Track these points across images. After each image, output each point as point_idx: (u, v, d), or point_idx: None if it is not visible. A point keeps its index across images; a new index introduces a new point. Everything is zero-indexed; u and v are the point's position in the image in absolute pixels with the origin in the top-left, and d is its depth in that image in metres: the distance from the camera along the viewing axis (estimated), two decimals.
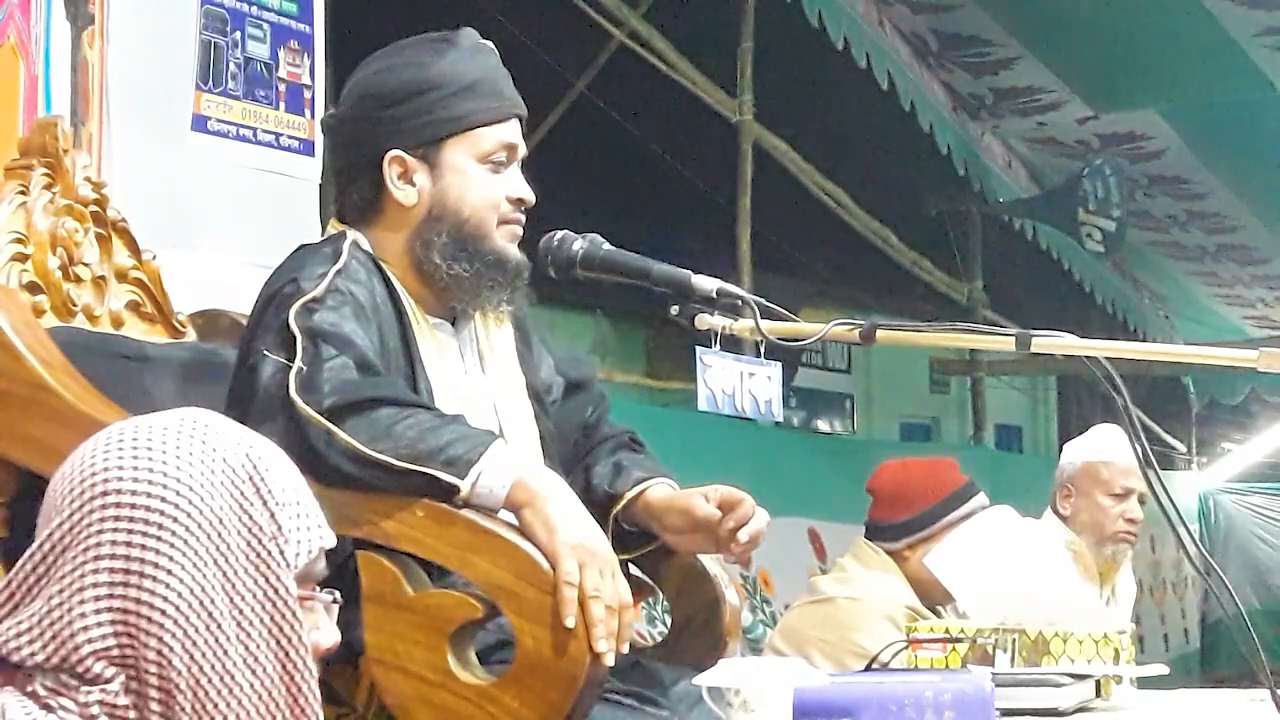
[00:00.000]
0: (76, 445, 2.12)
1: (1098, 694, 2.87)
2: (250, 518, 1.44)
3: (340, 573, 2.16)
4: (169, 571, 1.41)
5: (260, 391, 2.14)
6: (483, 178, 2.37)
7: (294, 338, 2.16)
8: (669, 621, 2.56)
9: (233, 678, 1.41)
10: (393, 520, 2.09)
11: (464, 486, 2.07)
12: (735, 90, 8.02)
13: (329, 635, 1.52)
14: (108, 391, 2.26)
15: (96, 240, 2.51)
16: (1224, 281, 12.04)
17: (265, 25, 3.72)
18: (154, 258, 2.62)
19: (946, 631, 2.91)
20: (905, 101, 8.66)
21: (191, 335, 2.66)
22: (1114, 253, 10.64)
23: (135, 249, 2.59)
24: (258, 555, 1.44)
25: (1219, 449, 15.91)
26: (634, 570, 2.46)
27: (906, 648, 2.84)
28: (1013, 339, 2.26)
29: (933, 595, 3.68)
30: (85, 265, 2.48)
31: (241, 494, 1.45)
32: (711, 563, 2.52)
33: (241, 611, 1.42)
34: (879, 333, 2.31)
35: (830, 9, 7.82)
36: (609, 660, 2.06)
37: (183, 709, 1.40)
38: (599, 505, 2.38)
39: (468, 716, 2.05)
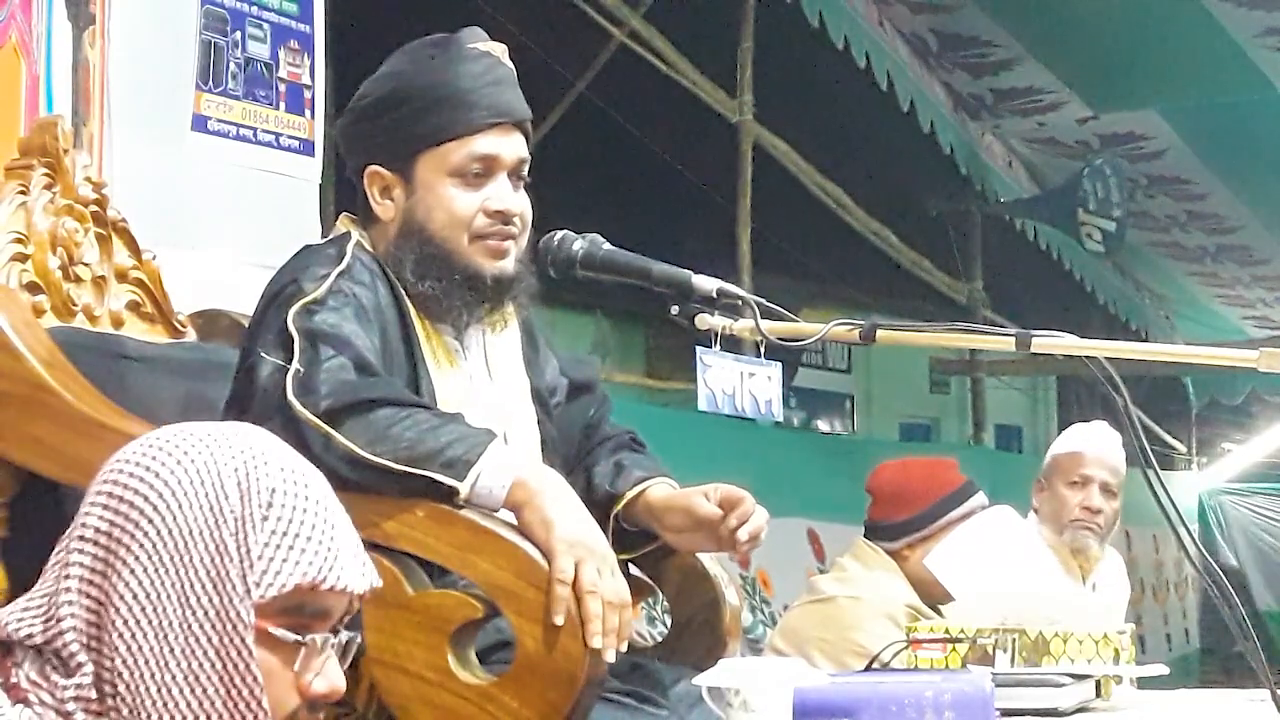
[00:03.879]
0: (77, 445, 2.14)
1: (1098, 694, 2.87)
2: (219, 535, 1.42)
3: None
4: (131, 569, 1.41)
5: (258, 393, 2.14)
6: (453, 193, 2.33)
7: (292, 339, 2.15)
8: (669, 621, 2.56)
9: (170, 691, 1.40)
10: (393, 521, 2.09)
11: (463, 488, 2.07)
12: (735, 90, 8.02)
13: (327, 681, 1.48)
14: (108, 391, 2.26)
15: (96, 240, 2.51)
16: (1224, 282, 12.04)
17: (265, 25, 3.72)
18: (154, 258, 2.62)
19: (946, 631, 2.91)
20: (904, 102, 8.66)
21: (191, 335, 2.65)
22: (1114, 253, 10.64)
23: (135, 249, 2.59)
24: (218, 575, 1.42)
25: (1219, 449, 15.90)
26: (634, 570, 2.46)
27: (906, 648, 2.85)
28: (1013, 339, 2.26)
29: (933, 595, 3.68)
30: (85, 265, 2.48)
31: (219, 510, 1.43)
32: (711, 563, 2.53)
33: (190, 628, 1.41)
34: (879, 333, 2.31)
35: (830, 9, 7.82)
36: (608, 657, 2.05)
37: (117, 709, 1.40)
38: (600, 505, 2.38)
39: (468, 716, 2.05)
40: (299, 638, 1.46)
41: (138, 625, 1.40)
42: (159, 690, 1.40)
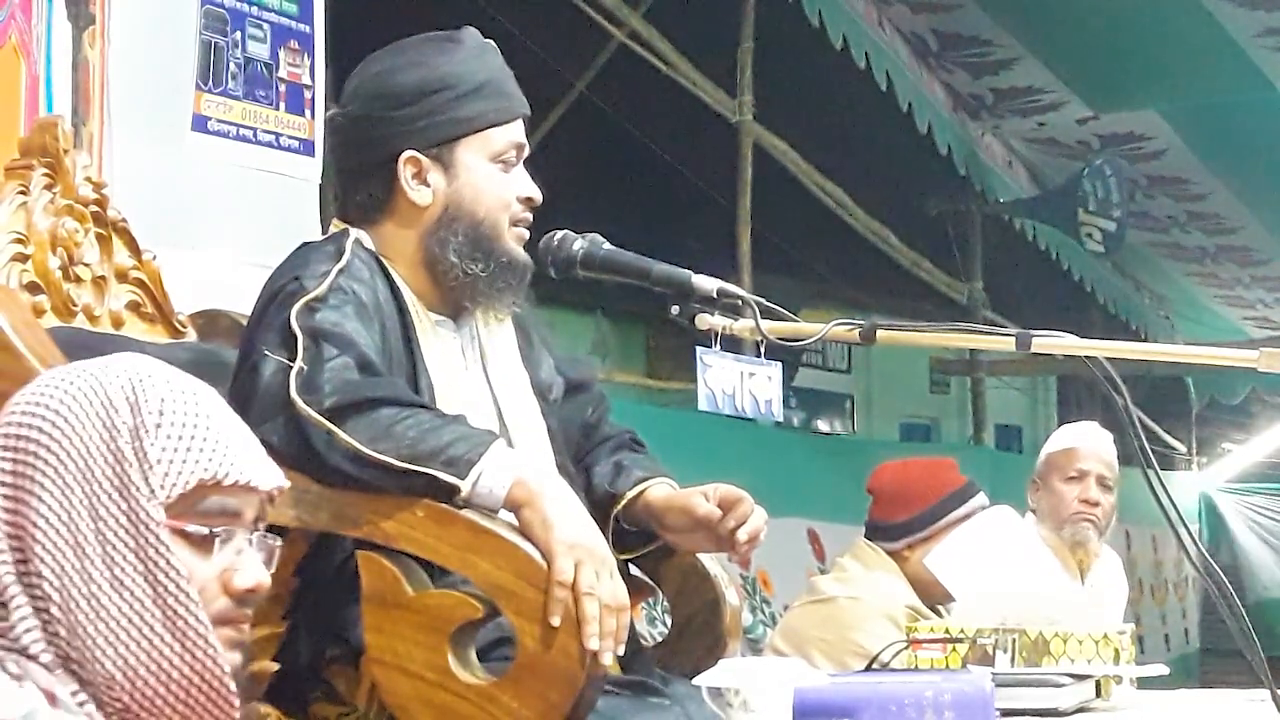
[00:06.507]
0: None
1: (1098, 694, 2.87)
2: (116, 445, 1.49)
3: (340, 573, 2.17)
4: (40, 499, 1.48)
5: (261, 391, 2.14)
6: (495, 178, 2.37)
7: (295, 337, 2.16)
8: (669, 621, 2.56)
9: (98, 600, 1.46)
10: (393, 520, 2.09)
11: (464, 487, 2.07)
12: (735, 90, 8.02)
13: (248, 575, 1.53)
14: None
15: (96, 240, 2.51)
16: (1224, 282, 12.04)
17: (265, 25, 3.73)
18: (154, 258, 2.62)
19: (946, 631, 2.91)
20: (903, 102, 8.66)
21: (191, 335, 2.65)
22: (1114, 253, 10.64)
23: (135, 249, 2.59)
24: (121, 483, 1.48)
25: (1219, 449, 15.90)
26: (634, 570, 2.46)
27: (906, 648, 2.85)
28: (1013, 339, 2.26)
29: (933, 595, 3.68)
30: (85, 265, 2.48)
31: (112, 424, 1.49)
32: (711, 563, 2.53)
33: (105, 537, 1.47)
34: (879, 333, 2.32)
35: (830, 9, 7.82)
36: (604, 660, 2.05)
37: (57, 633, 1.46)
38: (599, 505, 2.38)
39: (468, 716, 2.06)
40: (212, 530, 1.51)
41: (56, 547, 1.46)
42: (88, 602, 1.46)
